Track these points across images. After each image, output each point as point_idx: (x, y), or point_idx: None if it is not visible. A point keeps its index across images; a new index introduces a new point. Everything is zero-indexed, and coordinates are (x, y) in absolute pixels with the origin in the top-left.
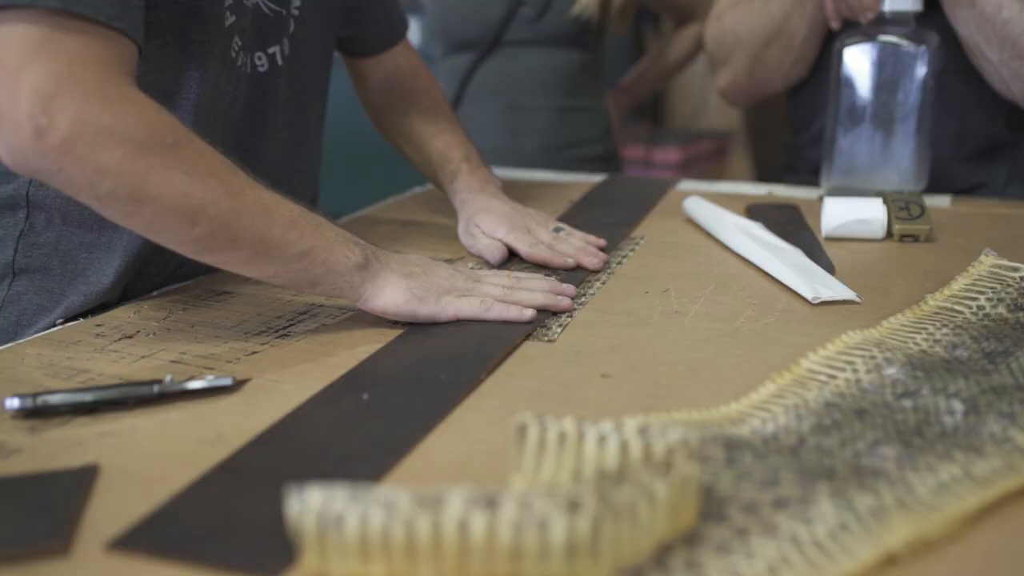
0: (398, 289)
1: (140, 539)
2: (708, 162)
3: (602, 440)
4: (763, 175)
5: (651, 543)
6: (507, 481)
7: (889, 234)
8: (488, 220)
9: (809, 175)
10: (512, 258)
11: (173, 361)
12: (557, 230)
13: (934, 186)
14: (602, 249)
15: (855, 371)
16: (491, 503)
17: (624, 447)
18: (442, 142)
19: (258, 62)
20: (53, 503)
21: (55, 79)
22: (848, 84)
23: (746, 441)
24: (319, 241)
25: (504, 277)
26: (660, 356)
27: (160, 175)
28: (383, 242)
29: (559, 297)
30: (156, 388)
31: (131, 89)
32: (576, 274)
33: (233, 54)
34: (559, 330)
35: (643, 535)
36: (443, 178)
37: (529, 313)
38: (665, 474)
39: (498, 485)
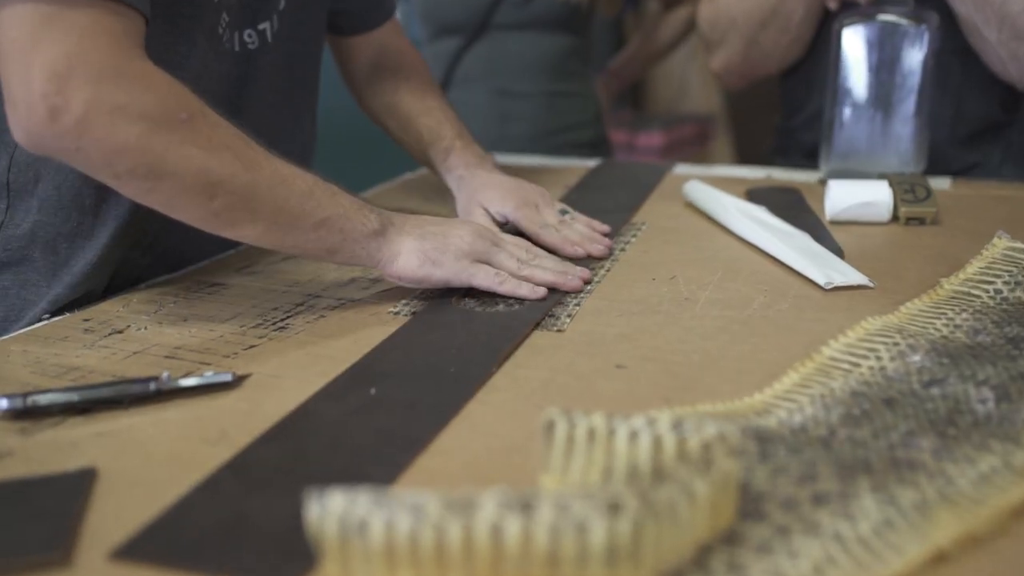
0: (412, 252)
1: (146, 547)
2: (691, 146)
3: (634, 436)
4: (746, 158)
5: (691, 544)
6: (535, 480)
7: (895, 217)
8: (494, 195)
9: (802, 158)
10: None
11: (167, 357)
12: (563, 212)
13: (929, 167)
14: (605, 235)
15: (879, 358)
16: (526, 506)
17: (657, 443)
18: (433, 119)
19: (248, 39)
20: (50, 509)
21: (67, 58)
22: (847, 65)
23: (776, 433)
24: (336, 210)
25: (522, 249)
26: (674, 345)
27: (177, 151)
28: None
29: (568, 276)
30: (153, 385)
31: (143, 63)
32: (581, 260)
33: (220, 31)
34: (568, 320)
35: (684, 536)
36: (435, 155)
37: (541, 291)
38: (705, 471)
39: (520, 483)
